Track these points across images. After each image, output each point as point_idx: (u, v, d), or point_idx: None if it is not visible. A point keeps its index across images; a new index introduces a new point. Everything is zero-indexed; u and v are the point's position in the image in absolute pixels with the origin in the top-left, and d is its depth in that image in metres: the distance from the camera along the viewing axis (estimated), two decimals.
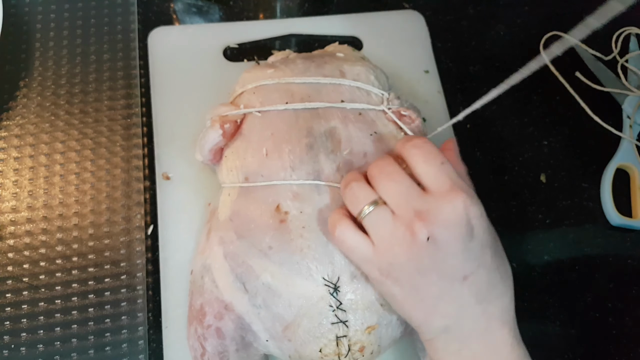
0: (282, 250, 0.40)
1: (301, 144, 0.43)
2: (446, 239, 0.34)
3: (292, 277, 0.39)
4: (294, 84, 0.45)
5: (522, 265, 0.52)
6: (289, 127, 0.43)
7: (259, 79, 0.46)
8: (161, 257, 0.48)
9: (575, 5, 0.66)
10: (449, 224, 0.34)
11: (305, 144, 0.43)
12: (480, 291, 0.35)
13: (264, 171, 0.42)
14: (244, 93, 0.47)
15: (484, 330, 0.35)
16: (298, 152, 0.42)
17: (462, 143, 0.56)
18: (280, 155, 0.42)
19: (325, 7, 0.63)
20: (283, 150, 0.42)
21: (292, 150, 0.42)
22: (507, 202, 0.54)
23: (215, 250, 0.42)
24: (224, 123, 0.45)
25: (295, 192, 0.41)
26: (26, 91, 0.55)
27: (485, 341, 0.35)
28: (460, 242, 0.34)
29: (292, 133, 0.43)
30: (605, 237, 0.54)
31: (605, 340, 0.50)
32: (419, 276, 0.34)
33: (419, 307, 0.35)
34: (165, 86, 0.55)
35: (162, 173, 0.51)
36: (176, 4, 0.61)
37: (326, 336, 0.39)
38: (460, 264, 0.34)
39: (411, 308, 0.36)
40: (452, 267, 0.34)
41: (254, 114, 0.45)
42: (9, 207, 0.50)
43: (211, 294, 0.41)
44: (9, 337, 0.45)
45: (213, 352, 0.41)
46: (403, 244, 0.34)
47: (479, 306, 0.35)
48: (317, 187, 0.41)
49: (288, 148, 0.42)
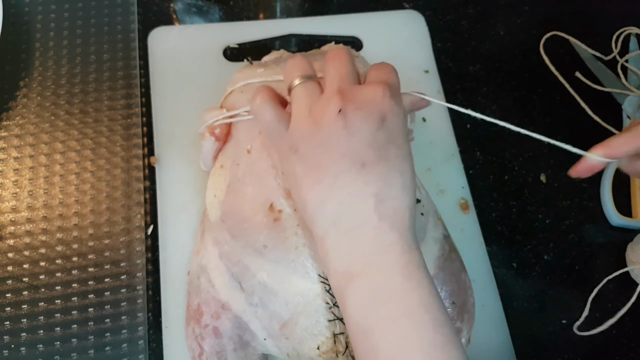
0: (277, 249, 0.40)
1: None
2: (355, 117, 0.34)
3: (288, 275, 0.39)
4: (281, 82, 0.45)
5: (522, 265, 0.52)
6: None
7: (249, 78, 0.46)
8: (161, 257, 0.48)
9: (575, 5, 0.66)
10: (362, 105, 0.34)
11: None
12: (375, 183, 0.34)
13: (252, 169, 0.42)
14: (232, 92, 0.47)
15: (374, 228, 0.34)
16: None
17: (462, 143, 0.57)
18: (269, 153, 0.42)
19: (325, 7, 0.63)
20: (272, 149, 0.42)
21: None
22: (507, 202, 0.54)
23: (210, 250, 0.43)
24: (213, 130, 0.45)
25: (288, 190, 0.41)
26: (26, 91, 0.55)
27: (375, 240, 0.34)
28: (367, 125, 0.34)
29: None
30: (605, 237, 0.54)
31: (606, 340, 0.50)
32: (321, 152, 0.34)
33: (316, 188, 0.35)
34: (165, 86, 0.55)
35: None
36: (176, 4, 0.61)
37: (323, 333, 0.39)
38: (362, 148, 0.34)
39: (309, 188, 0.35)
40: (354, 149, 0.34)
41: (242, 114, 0.45)
42: (9, 207, 0.50)
43: (208, 293, 0.42)
44: (9, 337, 0.45)
45: (211, 351, 0.41)
46: (316, 117, 0.35)
47: (371, 199, 0.34)
48: None
49: None
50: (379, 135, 0.35)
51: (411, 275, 0.33)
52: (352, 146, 0.34)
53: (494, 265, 0.51)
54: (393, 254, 0.34)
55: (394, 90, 0.36)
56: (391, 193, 0.34)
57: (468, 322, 0.43)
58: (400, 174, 0.35)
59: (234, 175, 0.43)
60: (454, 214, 0.52)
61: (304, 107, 0.36)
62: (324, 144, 0.35)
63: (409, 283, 0.33)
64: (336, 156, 0.34)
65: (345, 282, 0.34)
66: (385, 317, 0.33)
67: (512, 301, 0.50)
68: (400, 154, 0.35)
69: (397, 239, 0.34)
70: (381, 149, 0.34)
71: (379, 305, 0.33)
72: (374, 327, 0.33)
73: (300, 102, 0.36)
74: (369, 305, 0.33)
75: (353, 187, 0.34)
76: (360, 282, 0.34)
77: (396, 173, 0.35)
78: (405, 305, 0.33)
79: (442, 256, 0.43)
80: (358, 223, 0.34)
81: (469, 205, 0.53)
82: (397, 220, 0.34)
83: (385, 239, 0.34)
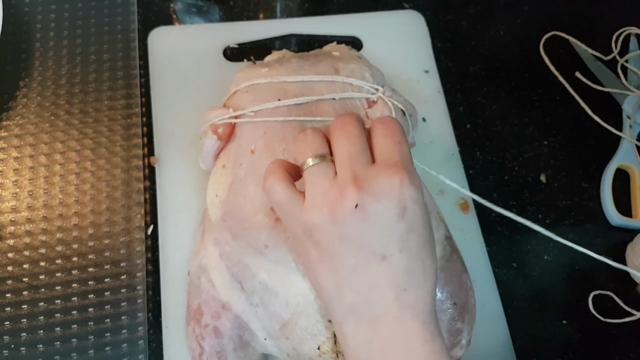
0: (278, 249, 0.40)
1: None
2: (374, 211, 0.33)
3: (288, 275, 0.39)
4: (286, 83, 0.45)
5: (522, 265, 0.52)
6: (282, 125, 0.43)
7: (253, 78, 0.46)
8: (161, 257, 0.48)
9: (575, 5, 0.66)
10: (381, 197, 0.33)
11: None
12: (396, 276, 0.33)
13: (255, 169, 0.42)
14: (236, 93, 0.47)
15: (396, 319, 0.33)
16: (292, 151, 0.42)
17: (462, 143, 0.57)
18: (273, 154, 0.42)
19: (325, 7, 0.63)
20: (276, 149, 0.42)
21: (286, 149, 0.42)
22: (507, 202, 0.54)
23: (210, 250, 0.43)
24: (216, 128, 0.45)
25: None
26: (26, 91, 0.55)
27: (396, 331, 0.33)
28: (387, 218, 0.33)
29: (285, 131, 0.43)
30: (605, 237, 0.54)
31: (605, 340, 0.49)
32: (339, 243, 0.33)
33: (332, 276, 0.34)
34: (165, 86, 0.55)
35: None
36: (176, 4, 0.61)
37: (324, 334, 0.39)
38: (382, 241, 0.33)
39: (325, 275, 0.34)
40: (374, 242, 0.33)
41: (247, 114, 0.45)
42: (9, 207, 0.50)
43: (208, 293, 0.41)
44: (9, 337, 0.45)
45: (211, 351, 0.41)
46: (332, 206, 0.33)
47: (392, 291, 0.33)
48: None
49: (282, 147, 0.42)
50: (399, 227, 0.33)
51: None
52: (371, 239, 0.33)
53: (494, 265, 0.51)
54: (415, 344, 0.33)
55: (413, 175, 0.34)
56: (412, 282, 0.33)
57: (469, 323, 0.43)
58: (422, 262, 0.34)
59: (236, 175, 0.43)
60: (454, 214, 0.52)
61: (319, 193, 0.34)
62: (341, 237, 0.33)
63: None
64: (354, 248, 0.33)
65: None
66: None
67: (512, 301, 0.50)
68: (421, 242, 0.34)
69: (418, 328, 0.33)
70: (402, 241, 0.33)
71: None
72: None
73: (316, 186, 0.34)
74: None
75: (373, 279, 0.33)
76: None
77: (418, 262, 0.34)
78: None
79: (443, 257, 0.43)
80: (378, 314, 0.33)
81: (469, 205, 0.53)
82: (419, 308, 0.34)
83: (407, 329, 0.33)
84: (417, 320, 0.33)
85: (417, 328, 0.33)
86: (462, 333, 0.43)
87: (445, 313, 0.42)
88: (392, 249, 0.33)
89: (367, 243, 0.33)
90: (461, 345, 0.43)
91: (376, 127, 0.36)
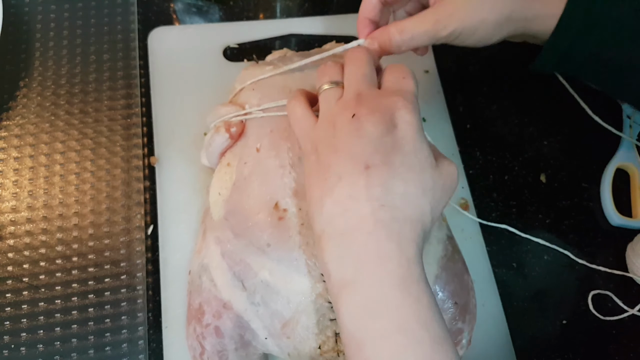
0: (280, 248, 0.40)
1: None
2: (366, 121, 0.35)
3: (290, 274, 0.39)
4: (291, 82, 0.45)
5: (522, 265, 0.52)
6: (289, 124, 0.43)
7: (258, 75, 0.46)
8: (161, 257, 0.48)
9: None
10: (375, 111, 0.35)
11: None
12: (374, 188, 0.33)
13: (259, 168, 0.42)
14: (243, 90, 0.47)
15: (369, 234, 0.33)
16: (297, 150, 0.42)
17: (462, 143, 0.57)
18: (279, 153, 0.42)
19: (325, 7, 0.63)
20: (281, 148, 0.42)
21: (291, 147, 0.42)
22: (507, 202, 0.54)
23: (212, 249, 0.42)
24: (230, 127, 0.45)
25: (294, 189, 0.41)
26: (26, 91, 0.55)
27: (369, 247, 0.33)
28: (377, 130, 0.34)
29: (291, 130, 0.43)
30: (605, 237, 0.54)
31: (605, 340, 0.50)
32: (333, 152, 0.35)
33: (320, 186, 0.35)
34: (165, 86, 0.55)
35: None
36: (176, 4, 0.61)
37: (325, 333, 0.39)
38: (368, 151, 0.34)
39: (314, 185, 0.36)
40: (361, 152, 0.34)
41: (256, 112, 0.45)
42: (9, 207, 0.50)
43: (209, 292, 0.41)
44: (9, 337, 0.45)
45: (212, 351, 0.41)
46: (334, 118, 0.36)
47: (369, 204, 0.33)
48: None
49: (287, 146, 0.42)
50: (386, 140, 0.35)
51: (408, 290, 0.32)
52: (359, 148, 0.34)
53: (494, 265, 0.51)
54: (388, 266, 0.32)
55: (411, 102, 0.36)
56: (390, 200, 0.34)
57: (470, 323, 0.43)
58: (404, 183, 0.34)
59: (240, 174, 0.43)
60: (454, 214, 0.52)
61: (327, 110, 0.38)
62: (335, 145, 0.35)
63: (406, 298, 0.32)
64: (344, 157, 0.35)
65: (338, 288, 0.33)
66: (378, 332, 0.32)
67: (512, 301, 0.50)
68: (407, 162, 0.34)
69: (393, 249, 0.33)
70: (386, 154, 0.34)
71: (372, 319, 0.32)
72: (366, 341, 0.32)
73: (326, 105, 0.38)
74: (362, 317, 0.32)
75: (353, 188, 0.34)
76: (353, 292, 0.33)
77: (399, 181, 0.34)
78: (400, 321, 0.31)
79: (445, 256, 0.43)
80: (351, 226, 0.33)
81: (469, 205, 0.53)
82: (395, 229, 0.33)
83: (381, 247, 0.33)
84: (392, 240, 0.33)
85: (392, 248, 0.33)
86: (462, 333, 0.43)
87: (446, 313, 0.42)
88: (375, 159, 0.34)
89: (356, 152, 0.34)
90: (461, 345, 0.43)
91: (389, 67, 0.39)
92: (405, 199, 0.34)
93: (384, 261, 0.33)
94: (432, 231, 0.43)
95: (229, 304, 0.41)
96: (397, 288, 0.32)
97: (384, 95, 0.36)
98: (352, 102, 0.36)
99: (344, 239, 0.34)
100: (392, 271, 0.32)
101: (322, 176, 0.35)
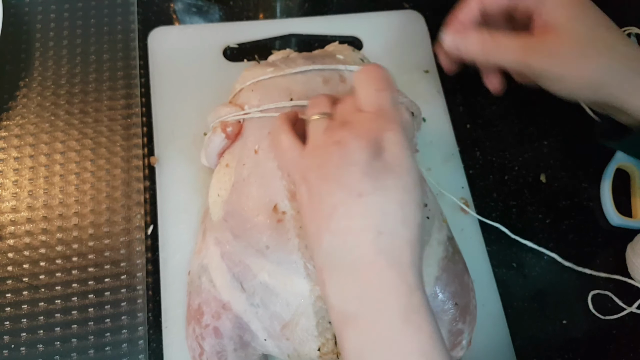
0: (280, 250, 0.40)
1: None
2: (353, 147, 0.34)
3: (289, 276, 0.39)
4: (292, 84, 0.45)
5: (522, 265, 0.52)
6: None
7: (259, 76, 0.46)
8: (161, 257, 0.48)
9: None
10: (358, 135, 0.34)
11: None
12: (371, 216, 0.33)
13: (258, 170, 0.42)
14: (242, 90, 0.47)
15: (370, 264, 0.33)
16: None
17: (462, 143, 0.57)
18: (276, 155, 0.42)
19: (325, 7, 0.63)
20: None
21: None
22: (507, 202, 0.54)
23: (211, 250, 0.42)
24: (225, 127, 0.45)
25: (293, 191, 0.41)
26: (26, 91, 0.55)
27: (371, 278, 0.33)
28: (363, 154, 0.34)
29: None
30: (605, 237, 0.54)
31: (605, 340, 0.50)
32: (323, 182, 0.34)
33: (315, 218, 0.35)
34: (165, 86, 0.55)
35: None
36: (176, 4, 0.61)
37: (324, 335, 0.39)
38: (358, 177, 0.33)
39: (309, 217, 0.35)
40: (351, 179, 0.33)
41: (253, 113, 0.45)
42: (9, 207, 0.50)
43: (209, 293, 0.41)
44: (9, 337, 0.45)
45: (211, 351, 0.41)
46: (321, 148, 0.36)
47: (368, 233, 0.33)
48: None
49: None
50: (375, 165, 0.34)
51: (409, 320, 0.32)
52: (350, 176, 0.34)
53: (494, 265, 0.51)
54: (390, 296, 0.32)
55: (394, 121, 0.36)
56: (389, 226, 0.33)
57: (470, 324, 0.43)
58: (400, 207, 0.34)
59: (239, 175, 0.43)
60: (454, 214, 0.52)
61: (316, 139, 0.37)
62: (325, 174, 0.34)
63: (407, 329, 0.32)
64: (335, 186, 0.34)
65: (340, 323, 0.33)
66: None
67: (512, 301, 0.50)
68: (400, 185, 0.34)
69: (394, 277, 0.32)
70: (378, 179, 0.33)
71: (375, 353, 0.32)
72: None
73: (313, 134, 0.37)
74: (364, 351, 0.32)
75: (349, 218, 0.33)
76: (355, 326, 0.32)
77: (394, 205, 0.33)
78: (404, 354, 0.32)
79: (445, 257, 0.43)
80: (353, 258, 0.33)
81: (469, 205, 0.53)
82: (396, 256, 0.33)
83: (382, 277, 0.33)
84: (393, 269, 0.33)
85: (393, 277, 0.32)
86: (463, 334, 0.43)
87: (446, 313, 0.42)
88: (367, 186, 0.33)
89: (346, 180, 0.34)
90: (462, 346, 0.43)
91: (358, 77, 0.38)
92: (403, 222, 0.34)
93: (386, 293, 0.33)
94: (433, 233, 0.43)
95: (228, 305, 0.41)
96: (400, 320, 0.32)
97: (369, 118, 0.36)
98: (338, 130, 0.35)
99: (345, 272, 0.33)
100: (394, 303, 0.32)
101: (316, 207, 0.35)
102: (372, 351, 0.32)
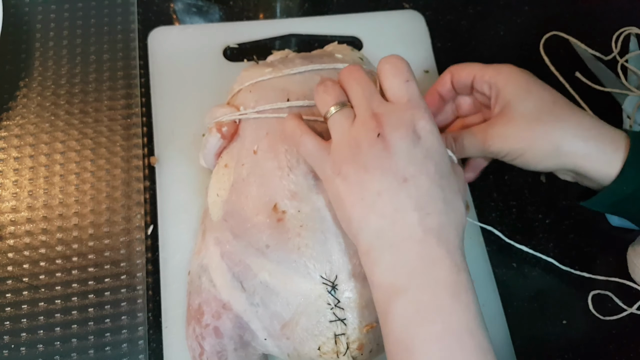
0: (280, 249, 0.40)
1: None
2: (393, 138, 0.36)
3: (289, 276, 0.39)
4: (290, 84, 0.45)
5: (522, 265, 0.52)
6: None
7: (257, 77, 0.46)
8: (161, 257, 0.48)
9: (575, 5, 0.66)
10: (398, 126, 0.36)
11: None
12: (418, 198, 0.35)
13: (257, 170, 0.42)
14: (240, 91, 0.47)
15: (420, 242, 0.34)
16: (295, 152, 0.42)
17: None
18: (276, 155, 0.42)
19: (325, 7, 0.63)
20: (279, 150, 0.42)
21: (288, 150, 0.42)
22: (507, 202, 0.54)
23: (211, 250, 0.43)
24: (220, 127, 0.45)
25: (293, 191, 0.41)
26: (26, 91, 0.55)
27: (421, 254, 0.34)
28: (405, 144, 0.36)
29: None
30: (605, 237, 0.54)
31: (606, 340, 0.50)
32: (364, 172, 0.36)
33: (359, 205, 0.36)
34: (165, 86, 0.55)
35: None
36: (176, 4, 0.61)
37: (324, 334, 0.39)
38: (402, 165, 0.35)
39: (352, 205, 0.36)
40: (395, 166, 0.35)
41: (250, 113, 0.45)
42: (9, 207, 0.50)
43: (209, 293, 0.41)
44: (9, 337, 0.45)
45: (211, 351, 0.41)
46: (356, 140, 0.36)
47: (416, 213, 0.35)
48: (315, 186, 0.41)
49: (284, 148, 0.42)
50: (416, 151, 0.36)
51: (459, 296, 0.33)
52: (393, 164, 0.35)
53: (494, 265, 0.51)
54: (441, 271, 0.34)
55: (426, 110, 0.37)
56: (434, 207, 0.35)
57: None
58: (441, 190, 0.36)
59: (239, 175, 0.43)
60: None
61: (344, 133, 0.38)
62: (365, 164, 0.36)
63: (457, 304, 0.33)
64: (378, 174, 0.35)
65: (388, 296, 0.34)
66: (429, 337, 0.33)
67: (512, 301, 0.50)
68: (439, 169, 0.36)
69: (444, 255, 0.34)
70: (421, 164, 0.36)
71: (424, 324, 0.33)
72: (415, 346, 0.33)
73: (340, 129, 0.38)
74: (413, 322, 0.33)
75: (396, 201, 0.35)
76: (405, 298, 0.34)
77: (437, 188, 0.36)
78: (451, 328, 0.33)
79: None
80: (403, 236, 0.35)
81: (469, 205, 0.53)
82: (443, 235, 0.35)
83: (433, 253, 0.34)
84: (442, 247, 0.34)
85: (443, 254, 0.34)
86: None
87: None
88: (412, 171, 0.35)
89: (389, 168, 0.35)
90: None
91: (384, 67, 0.39)
92: (447, 204, 0.36)
93: (436, 267, 0.34)
94: None
95: (228, 305, 0.41)
96: (448, 294, 0.33)
97: (400, 109, 0.37)
98: (372, 122, 0.36)
99: (396, 249, 0.35)
100: (444, 277, 0.34)
101: (356, 195, 0.36)
102: (421, 322, 0.33)
